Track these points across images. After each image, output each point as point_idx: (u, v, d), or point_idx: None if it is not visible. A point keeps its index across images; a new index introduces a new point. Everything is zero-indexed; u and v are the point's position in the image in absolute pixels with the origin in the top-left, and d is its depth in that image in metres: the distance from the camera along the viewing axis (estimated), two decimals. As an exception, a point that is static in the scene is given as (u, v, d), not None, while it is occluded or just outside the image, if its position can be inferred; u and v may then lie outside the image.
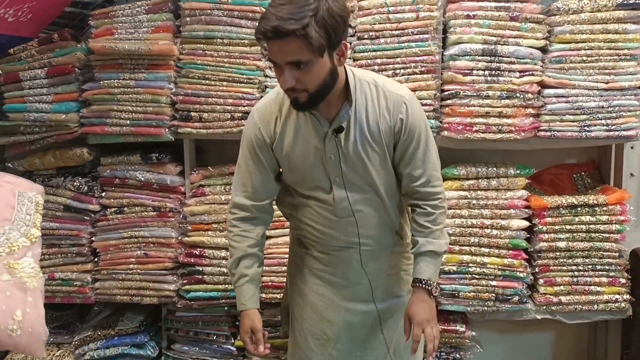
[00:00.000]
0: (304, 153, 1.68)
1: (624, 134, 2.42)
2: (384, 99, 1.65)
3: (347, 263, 1.81)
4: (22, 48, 2.56)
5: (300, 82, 1.47)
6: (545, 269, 2.49)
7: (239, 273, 1.79)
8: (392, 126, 1.65)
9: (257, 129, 1.71)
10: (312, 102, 1.53)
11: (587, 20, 2.36)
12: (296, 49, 1.40)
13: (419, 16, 2.41)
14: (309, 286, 1.86)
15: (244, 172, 1.77)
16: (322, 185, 1.72)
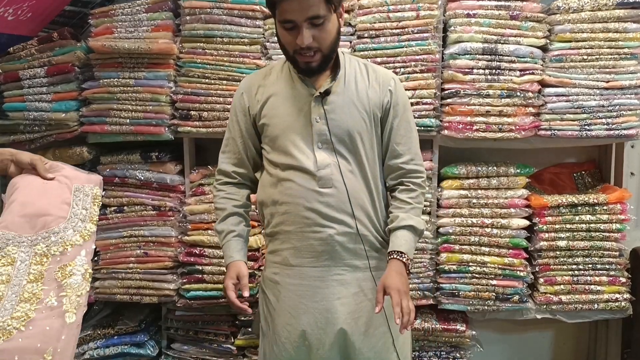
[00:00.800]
0: (289, 116, 1.71)
1: (624, 133, 2.42)
2: (373, 73, 1.76)
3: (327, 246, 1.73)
4: (22, 47, 2.56)
5: (316, 40, 1.58)
6: (546, 268, 2.48)
7: (226, 230, 1.81)
8: (381, 98, 1.74)
9: (240, 95, 1.81)
10: (323, 64, 1.65)
11: (588, 19, 2.36)
12: (316, 3, 1.53)
13: (419, 15, 2.41)
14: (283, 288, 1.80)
15: (228, 139, 1.86)
16: (305, 150, 1.69)
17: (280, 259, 1.79)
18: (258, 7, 2.45)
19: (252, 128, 1.81)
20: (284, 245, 1.77)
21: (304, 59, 1.63)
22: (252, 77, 1.85)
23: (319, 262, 1.74)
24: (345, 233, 1.71)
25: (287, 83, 1.74)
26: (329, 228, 1.70)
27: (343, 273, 1.74)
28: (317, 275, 1.74)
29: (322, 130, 1.69)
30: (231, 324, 2.66)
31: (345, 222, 1.71)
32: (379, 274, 1.74)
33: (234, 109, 1.84)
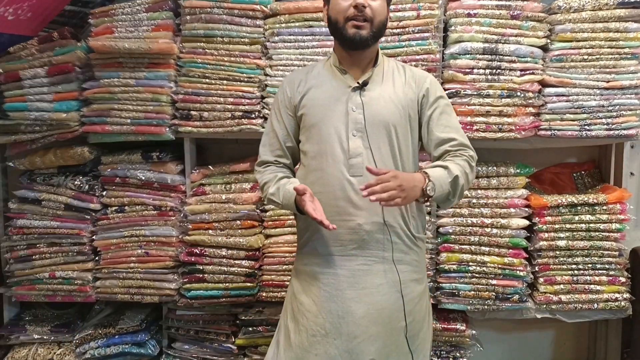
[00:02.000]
0: (326, 105, 1.77)
1: (624, 133, 2.42)
2: (410, 72, 1.84)
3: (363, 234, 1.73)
4: (22, 47, 2.56)
5: (370, 8, 1.68)
6: (545, 268, 2.49)
7: (281, 182, 1.79)
8: (417, 94, 1.79)
9: (283, 88, 1.88)
10: (371, 38, 1.71)
11: (588, 19, 2.36)
12: None
13: (419, 15, 2.41)
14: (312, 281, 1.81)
15: (268, 133, 1.91)
16: (340, 137, 1.73)
17: (310, 249, 1.82)
18: (258, 6, 2.45)
19: (293, 120, 1.86)
20: (314, 234, 1.80)
21: (355, 24, 1.69)
22: (295, 73, 1.93)
23: (347, 251, 1.76)
24: (374, 223, 1.73)
25: (327, 76, 1.82)
26: (357, 217, 1.72)
27: (370, 264, 1.75)
28: (344, 264, 1.76)
29: (358, 119, 1.73)
30: (232, 324, 2.67)
31: (373, 211, 1.72)
32: (403, 268, 1.76)
33: (276, 103, 1.89)
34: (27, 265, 2.69)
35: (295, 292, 1.86)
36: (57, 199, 2.62)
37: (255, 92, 2.50)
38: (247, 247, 2.55)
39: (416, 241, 1.81)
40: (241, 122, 2.50)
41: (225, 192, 2.58)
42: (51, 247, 2.67)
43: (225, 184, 2.59)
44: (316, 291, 1.78)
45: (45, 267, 2.67)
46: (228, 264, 2.57)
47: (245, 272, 2.56)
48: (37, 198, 2.64)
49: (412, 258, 1.80)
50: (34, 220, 2.66)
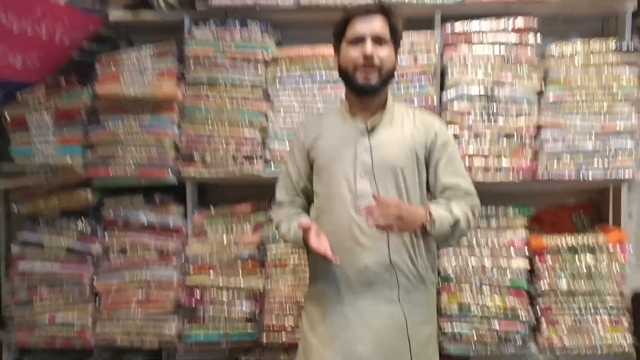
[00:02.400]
0: (336, 148, 1.83)
1: (621, 176, 2.44)
2: (419, 115, 1.90)
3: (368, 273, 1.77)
4: (30, 93, 2.62)
5: (378, 57, 1.75)
6: (548, 311, 2.47)
7: (292, 222, 1.87)
8: (426, 139, 1.83)
9: (298, 133, 1.97)
10: (380, 85, 1.78)
11: (582, 64, 2.42)
12: (383, 25, 1.77)
13: (416, 60, 2.47)
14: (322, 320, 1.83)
15: (285, 174, 1.99)
16: (347, 179, 1.79)
17: (318, 289, 1.85)
18: (260, 53, 2.52)
19: (306, 163, 1.93)
20: (322, 275, 1.83)
21: (364, 73, 1.76)
22: (310, 119, 2.06)
23: (354, 291, 1.78)
24: (381, 263, 1.75)
25: (338, 121, 1.89)
26: (364, 258, 1.76)
27: (377, 304, 1.77)
28: (350, 304, 1.78)
29: (366, 161, 1.78)
30: (232, 368, 2.64)
31: (380, 251, 1.75)
32: (410, 309, 1.77)
33: (292, 147, 1.99)
34: (27, 309, 2.67)
35: (304, 331, 1.88)
36: (59, 243, 2.63)
37: (257, 136, 2.54)
38: (248, 290, 2.54)
39: (424, 282, 1.83)
40: (243, 165, 2.54)
41: (227, 234, 2.59)
42: (52, 291, 2.66)
43: (226, 226, 2.61)
44: (323, 330, 1.80)
45: (45, 310, 2.66)
46: (229, 306, 2.55)
47: (247, 315, 2.54)
48: (39, 241, 2.65)
49: (420, 299, 1.82)
50: (36, 263, 2.66)
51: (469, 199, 1.81)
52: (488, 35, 2.45)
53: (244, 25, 2.54)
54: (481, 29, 2.46)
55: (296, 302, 2.52)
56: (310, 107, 2.52)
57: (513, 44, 2.44)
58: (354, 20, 1.78)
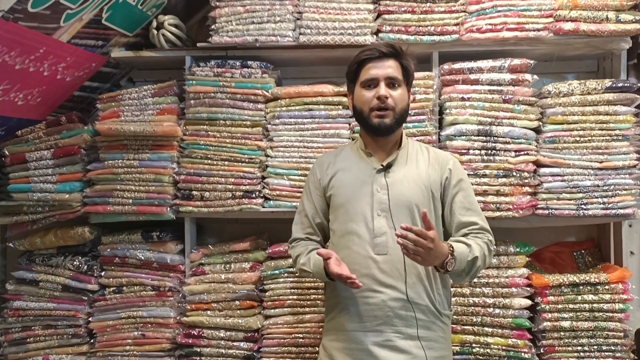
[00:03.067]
0: (353, 186, 1.86)
1: (621, 212, 2.43)
2: (434, 154, 1.96)
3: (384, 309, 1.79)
4: (30, 130, 2.63)
5: (392, 98, 1.80)
6: (551, 350, 2.43)
7: (311, 253, 1.89)
8: (441, 175, 1.86)
9: (314, 170, 2.02)
10: (395, 125, 1.83)
11: (578, 103, 2.44)
12: (395, 68, 1.83)
13: (415, 98, 2.50)
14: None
15: (300, 212, 2.03)
16: (365, 217, 1.81)
17: (336, 325, 1.86)
18: (260, 91, 2.54)
19: (322, 199, 1.97)
20: (341, 311, 1.84)
21: (379, 114, 1.81)
22: (325, 155, 2.07)
23: (372, 327, 1.80)
24: (398, 299, 1.78)
25: (354, 159, 1.93)
26: (381, 294, 1.78)
27: (395, 340, 1.78)
28: (369, 340, 1.79)
29: (383, 199, 1.81)
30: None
31: (397, 288, 1.78)
32: (429, 345, 1.78)
33: (307, 184, 2.03)
34: (20, 349, 2.63)
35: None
36: (55, 280, 2.61)
37: (256, 173, 2.55)
38: (246, 329, 2.50)
39: (441, 317, 1.85)
40: (242, 201, 2.53)
41: (225, 272, 2.56)
42: (46, 330, 2.62)
43: (224, 264, 2.58)
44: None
45: (39, 350, 2.62)
46: (226, 345, 2.51)
47: (244, 354, 2.50)
48: (34, 279, 2.63)
49: (437, 335, 1.83)
50: (31, 302, 2.63)
51: (484, 236, 1.84)
52: (485, 74, 2.48)
53: (245, 65, 2.58)
54: (478, 68, 2.49)
55: (295, 341, 2.48)
56: (309, 144, 2.54)
57: (510, 83, 2.46)
58: (367, 64, 1.83)
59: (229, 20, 2.57)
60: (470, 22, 2.51)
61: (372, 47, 1.87)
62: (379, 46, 1.85)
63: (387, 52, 1.83)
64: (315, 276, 1.87)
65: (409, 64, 1.87)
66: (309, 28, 2.54)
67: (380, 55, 1.83)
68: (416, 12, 2.52)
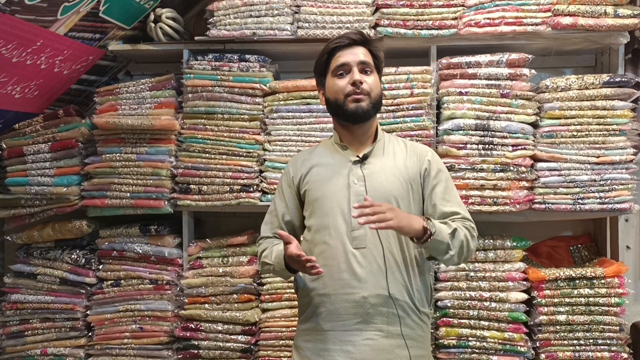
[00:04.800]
0: (328, 180, 1.80)
1: (617, 207, 2.44)
2: (411, 146, 1.90)
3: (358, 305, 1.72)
4: (27, 123, 2.63)
5: (366, 84, 1.76)
6: (547, 343, 2.44)
7: (274, 247, 1.82)
8: (420, 168, 1.83)
9: (287, 169, 1.95)
10: (371, 110, 1.78)
11: (576, 97, 2.44)
12: (366, 54, 1.80)
13: (413, 93, 2.50)
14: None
15: (271, 211, 1.96)
16: (342, 210, 1.75)
17: (313, 325, 1.78)
18: (258, 85, 2.54)
19: (296, 199, 1.90)
20: (317, 310, 1.77)
21: (355, 98, 1.75)
22: (300, 153, 2.00)
23: (351, 326, 1.72)
24: (379, 295, 1.71)
25: (329, 153, 1.88)
26: (362, 290, 1.71)
27: (376, 338, 1.71)
28: (348, 339, 1.72)
29: (360, 191, 1.75)
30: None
31: (378, 283, 1.71)
32: (412, 343, 1.73)
33: (280, 183, 1.96)
34: (18, 342, 2.64)
35: None
36: (53, 273, 2.61)
37: (254, 167, 2.55)
38: (244, 322, 2.51)
39: (421, 315, 1.79)
40: (239, 195, 2.54)
41: (223, 266, 2.57)
42: (44, 323, 2.63)
43: (222, 258, 2.59)
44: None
45: (37, 343, 2.62)
46: (224, 339, 2.52)
47: (241, 347, 2.51)
48: (32, 272, 2.63)
49: (417, 333, 1.77)
50: (28, 295, 2.63)
51: (466, 223, 1.78)
52: (483, 69, 2.48)
53: (242, 58, 2.57)
54: (476, 63, 2.49)
55: (292, 335, 2.49)
56: (307, 138, 2.54)
57: (507, 77, 2.47)
58: (337, 52, 1.79)
59: (227, 14, 2.57)
60: (469, 16, 2.51)
61: (341, 35, 1.83)
62: (348, 34, 1.82)
63: (356, 39, 1.80)
64: (275, 269, 1.79)
65: (378, 51, 1.84)
66: (307, 22, 2.54)
67: (349, 43, 1.79)
68: (414, 6, 2.52)
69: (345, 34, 1.83)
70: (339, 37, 1.83)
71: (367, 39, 1.83)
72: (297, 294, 1.89)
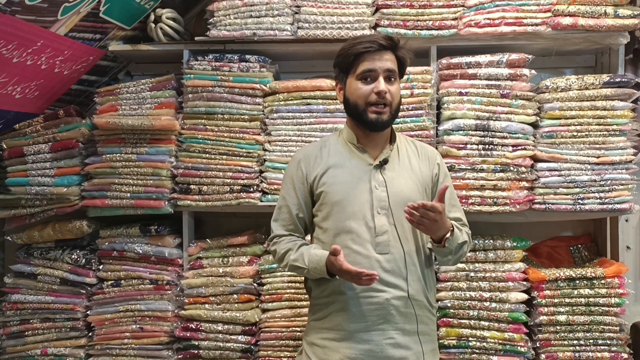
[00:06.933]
0: (348, 184, 1.80)
1: (617, 207, 2.44)
2: (421, 148, 1.95)
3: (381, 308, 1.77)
4: (28, 124, 2.63)
5: (389, 93, 1.77)
6: (547, 344, 2.44)
7: (303, 248, 1.83)
8: (431, 170, 1.90)
9: (297, 165, 1.91)
10: (390, 120, 1.81)
11: (576, 98, 2.44)
12: (393, 61, 1.80)
13: (413, 93, 2.50)
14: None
15: (281, 207, 1.93)
16: (365, 216, 1.77)
17: (332, 324, 1.81)
18: (258, 85, 2.54)
19: (309, 196, 1.89)
20: (339, 310, 1.80)
21: (377, 110, 1.77)
22: (308, 149, 1.96)
23: (374, 327, 1.77)
24: (400, 297, 1.77)
25: (345, 155, 1.87)
26: (385, 292, 1.76)
27: (396, 337, 1.77)
28: (371, 339, 1.77)
29: (382, 197, 1.78)
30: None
31: (399, 286, 1.77)
32: (425, 339, 1.80)
33: (291, 178, 1.91)
34: (19, 342, 2.64)
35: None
36: (53, 273, 2.61)
37: (254, 167, 2.55)
38: (244, 322, 2.51)
39: (432, 310, 1.87)
40: (239, 195, 2.54)
41: (223, 266, 2.57)
42: (44, 323, 2.63)
43: (222, 258, 2.59)
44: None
45: (37, 343, 2.62)
46: (224, 339, 2.52)
47: (242, 347, 2.51)
48: (33, 272, 2.63)
49: (430, 328, 1.86)
50: (29, 295, 2.63)
51: (465, 229, 1.89)
52: (483, 69, 2.48)
53: (243, 59, 2.57)
54: (476, 63, 2.49)
55: (292, 335, 2.49)
56: (307, 138, 2.54)
57: (507, 78, 2.47)
58: (364, 55, 1.77)
59: (227, 14, 2.57)
60: (469, 16, 2.51)
61: (371, 39, 1.79)
62: (378, 39, 1.79)
63: (385, 45, 1.78)
64: (310, 272, 1.79)
65: (405, 58, 1.84)
66: (307, 22, 2.55)
67: (378, 48, 1.77)
68: (414, 6, 2.52)
69: (375, 39, 1.79)
70: (369, 40, 1.79)
71: (395, 45, 1.81)
72: (311, 293, 1.92)
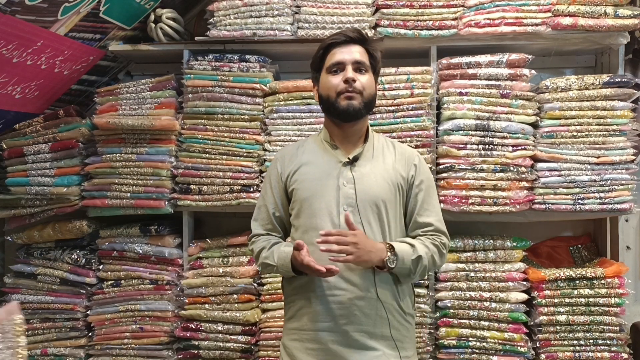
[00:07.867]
0: (318, 180, 1.78)
1: (617, 207, 2.44)
2: (400, 148, 1.89)
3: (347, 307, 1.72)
4: (28, 124, 2.63)
5: (359, 82, 1.74)
6: (547, 344, 2.45)
7: (274, 246, 1.81)
8: (407, 172, 1.83)
9: (276, 164, 1.90)
10: (363, 109, 1.76)
11: (576, 98, 2.44)
12: (362, 53, 1.78)
13: (413, 93, 2.50)
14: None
15: (260, 207, 1.92)
16: (331, 212, 1.74)
17: (299, 324, 1.78)
18: (258, 85, 2.54)
19: (284, 195, 1.87)
20: (304, 309, 1.77)
21: (347, 96, 1.73)
22: (287, 148, 1.96)
23: (338, 327, 1.72)
24: (364, 297, 1.71)
25: (318, 152, 1.85)
26: (347, 291, 1.71)
27: (361, 339, 1.71)
28: (335, 339, 1.72)
29: (349, 194, 1.74)
30: (227, 403, 2.59)
31: (365, 286, 1.71)
32: (401, 345, 1.74)
33: (268, 178, 1.92)
34: (18, 342, 2.63)
35: None
36: (53, 273, 2.61)
37: (254, 167, 2.55)
38: (244, 322, 2.51)
39: (406, 317, 1.80)
40: (239, 195, 2.54)
41: (223, 266, 2.57)
42: (44, 323, 2.63)
43: (222, 258, 2.59)
44: None
45: (37, 343, 2.62)
46: (224, 339, 2.52)
47: (242, 347, 2.51)
48: (32, 272, 2.63)
49: (403, 335, 1.78)
50: (29, 295, 2.63)
51: (437, 238, 1.79)
52: (483, 69, 2.48)
53: (243, 59, 2.57)
54: (476, 63, 2.49)
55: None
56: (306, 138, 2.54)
57: (507, 78, 2.47)
58: (333, 49, 1.78)
59: (227, 14, 2.57)
60: (469, 16, 2.51)
61: (339, 32, 1.82)
62: (346, 31, 1.80)
63: (353, 37, 1.77)
64: (279, 270, 1.78)
65: (375, 51, 1.82)
66: (307, 22, 2.55)
67: (346, 40, 1.77)
68: (414, 6, 2.52)
69: (343, 31, 1.81)
70: (336, 33, 1.82)
71: (364, 38, 1.81)
72: (284, 293, 1.89)
